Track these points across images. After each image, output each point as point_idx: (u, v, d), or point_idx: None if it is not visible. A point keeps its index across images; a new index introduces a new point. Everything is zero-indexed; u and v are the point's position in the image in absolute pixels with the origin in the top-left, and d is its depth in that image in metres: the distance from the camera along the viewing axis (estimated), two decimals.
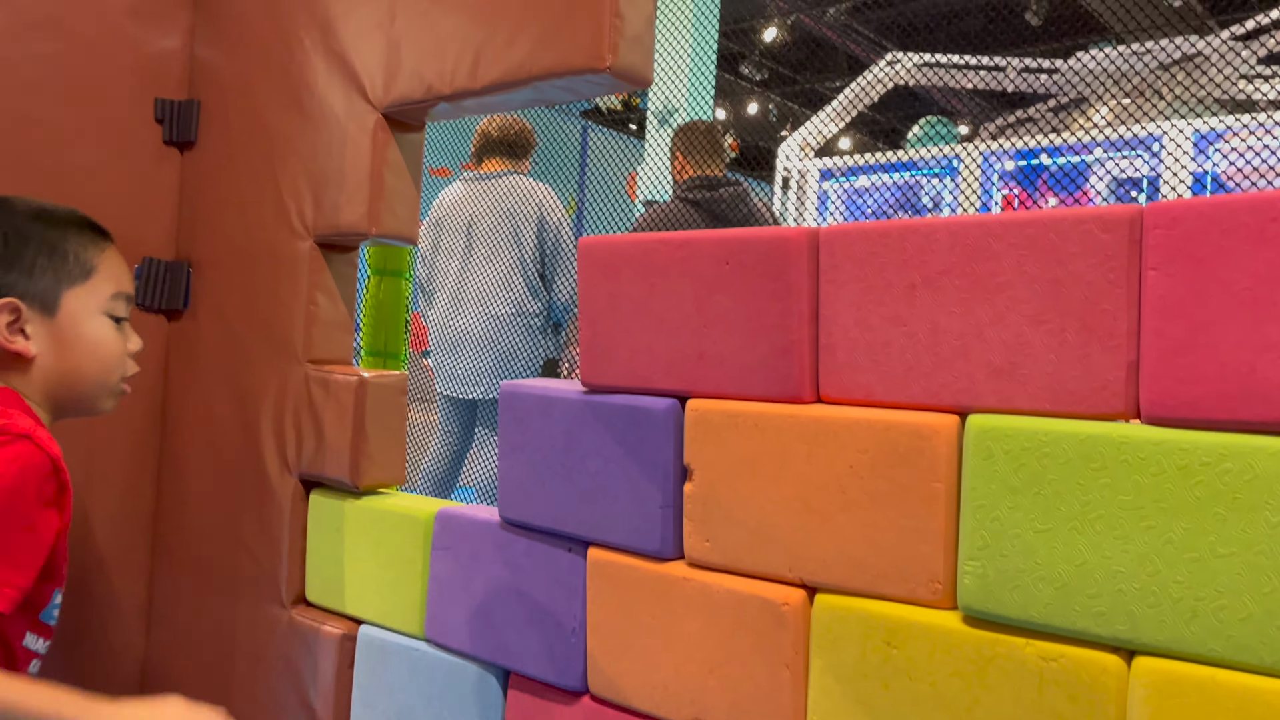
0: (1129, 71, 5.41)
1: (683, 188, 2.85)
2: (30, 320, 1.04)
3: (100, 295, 1.09)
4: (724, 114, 8.07)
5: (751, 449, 0.92)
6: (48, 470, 0.95)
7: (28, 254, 1.05)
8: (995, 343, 0.81)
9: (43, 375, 1.05)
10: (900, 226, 0.86)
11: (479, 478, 2.88)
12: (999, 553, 0.79)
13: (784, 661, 0.91)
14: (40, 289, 1.05)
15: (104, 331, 1.09)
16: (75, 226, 1.10)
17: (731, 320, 0.93)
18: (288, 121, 1.45)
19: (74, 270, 1.07)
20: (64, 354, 1.06)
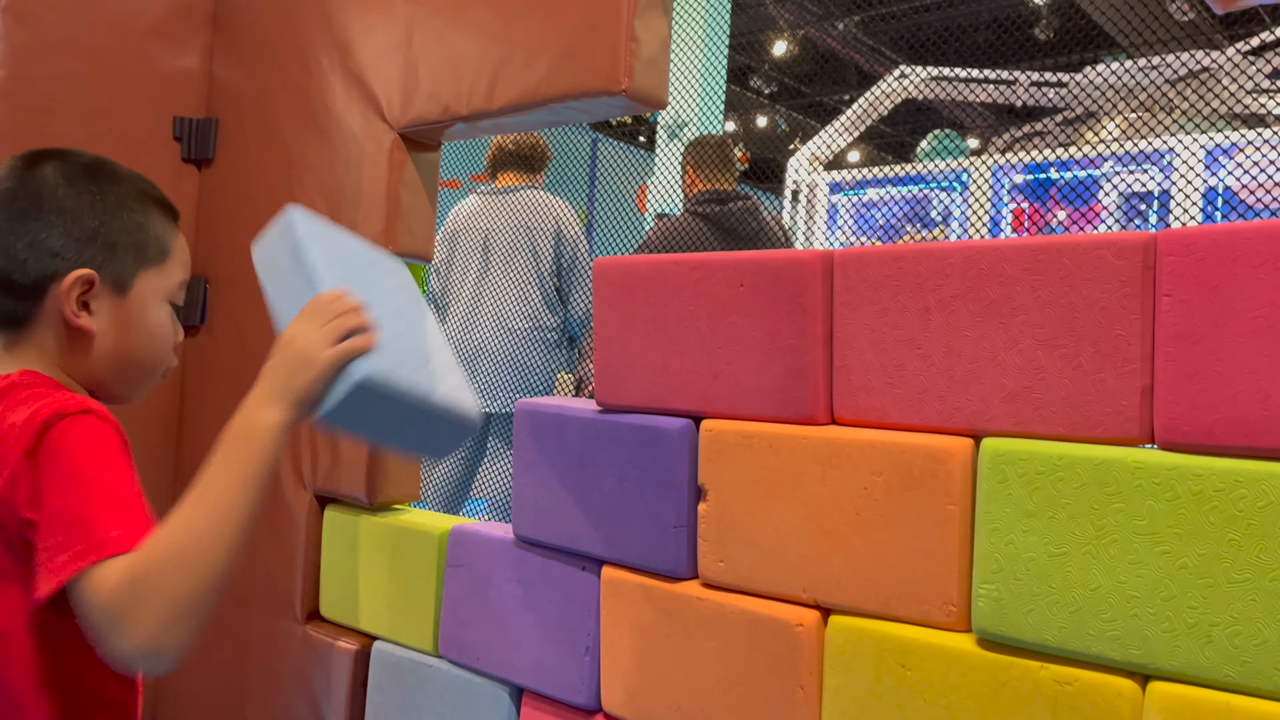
0: (1139, 86, 5.41)
1: (693, 201, 2.86)
2: (99, 296, 0.94)
3: (171, 281, 1.00)
4: (734, 126, 8.10)
5: (766, 470, 0.93)
6: (121, 438, 0.87)
7: (116, 225, 0.95)
8: (1009, 366, 0.82)
9: (99, 357, 0.95)
10: (914, 250, 0.86)
11: (491, 490, 2.88)
12: (1013, 576, 0.80)
13: (798, 682, 0.91)
14: (119, 266, 0.95)
15: (164, 319, 1.00)
16: (155, 203, 1.01)
17: (746, 341, 0.94)
18: (305, 140, 1.47)
19: (152, 251, 0.98)
20: (124, 338, 0.96)
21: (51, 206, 0.93)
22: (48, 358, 0.94)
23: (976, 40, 6.62)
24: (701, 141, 2.97)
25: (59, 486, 0.81)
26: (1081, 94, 5.82)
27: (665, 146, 5.46)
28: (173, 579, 0.76)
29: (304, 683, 1.39)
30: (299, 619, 1.41)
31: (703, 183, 2.91)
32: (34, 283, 0.91)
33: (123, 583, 0.76)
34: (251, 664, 1.48)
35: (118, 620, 0.75)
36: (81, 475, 0.82)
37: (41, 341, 0.94)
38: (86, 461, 0.83)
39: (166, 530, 0.78)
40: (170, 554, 0.77)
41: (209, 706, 1.53)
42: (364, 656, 1.32)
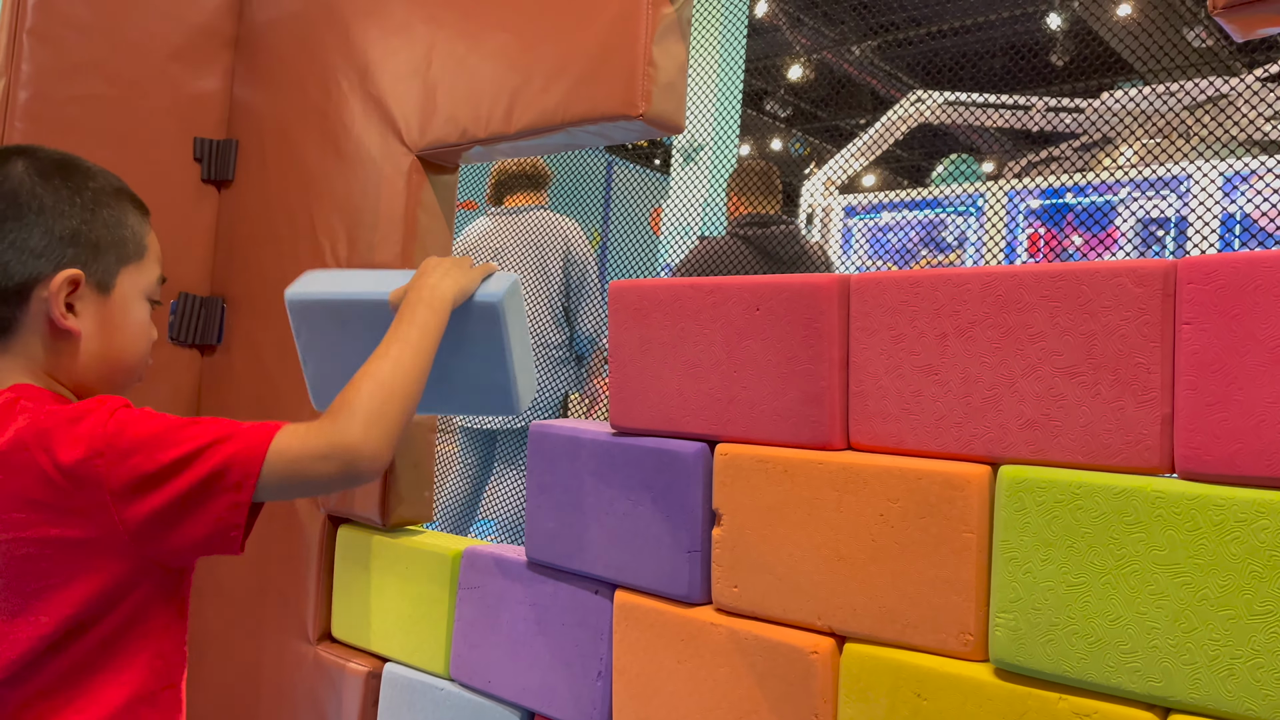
0: (1156, 112, 5.41)
1: (736, 224, 2.94)
2: (84, 297, 0.93)
3: (150, 277, 0.99)
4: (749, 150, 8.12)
5: (781, 495, 0.92)
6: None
7: (96, 223, 0.94)
8: (1028, 394, 0.81)
9: (85, 359, 0.94)
10: (932, 276, 0.86)
11: (499, 510, 2.88)
12: (1031, 605, 0.79)
13: (812, 710, 0.90)
14: (102, 265, 0.94)
15: (144, 316, 0.99)
16: (129, 199, 1.00)
17: (762, 365, 0.94)
18: (324, 162, 1.48)
19: (131, 248, 0.97)
20: (109, 338, 0.95)
21: (30, 206, 0.90)
22: (35, 365, 0.92)
23: (992, 65, 6.63)
24: (746, 167, 3.07)
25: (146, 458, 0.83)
26: (1098, 119, 5.82)
27: (680, 169, 5.48)
28: (377, 390, 0.91)
29: (315, 704, 1.39)
30: (311, 640, 1.41)
31: (746, 206, 3.00)
32: (18, 286, 0.89)
33: (327, 414, 0.89)
34: (263, 684, 1.47)
35: (328, 427, 0.87)
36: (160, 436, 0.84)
37: (28, 349, 0.92)
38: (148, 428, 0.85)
39: (371, 360, 0.94)
40: (372, 375, 0.92)
41: None
42: (375, 678, 1.32)
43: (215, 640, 1.53)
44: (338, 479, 0.88)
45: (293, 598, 1.44)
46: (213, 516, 0.85)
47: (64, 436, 0.84)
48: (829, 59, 7.47)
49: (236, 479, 0.85)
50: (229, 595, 1.54)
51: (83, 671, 0.86)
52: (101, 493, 0.83)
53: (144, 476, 0.84)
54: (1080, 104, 5.92)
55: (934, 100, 5.77)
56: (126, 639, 0.88)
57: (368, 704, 1.31)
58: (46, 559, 0.85)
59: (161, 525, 0.85)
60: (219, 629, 1.54)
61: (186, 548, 0.87)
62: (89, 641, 0.86)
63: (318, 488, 0.89)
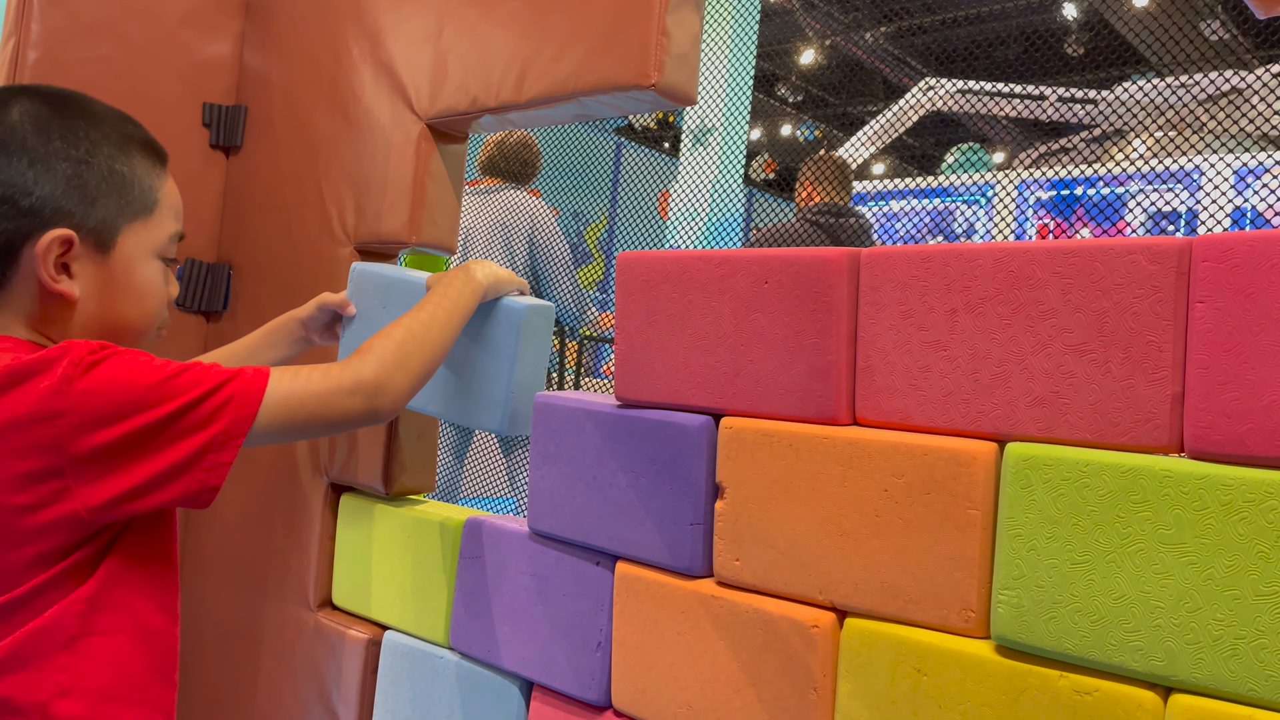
0: (1168, 105, 5.38)
1: (809, 211, 3.06)
2: (79, 257, 0.86)
3: (160, 234, 0.92)
4: (759, 134, 8.09)
5: (785, 469, 0.92)
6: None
7: (90, 176, 0.86)
8: (1037, 371, 0.80)
9: (81, 322, 0.88)
10: (943, 251, 0.85)
11: (481, 488, 2.94)
12: (1035, 583, 0.79)
13: (811, 684, 0.90)
14: (98, 221, 0.87)
15: (155, 277, 0.92)
16: (140, 145, 0.92)
17: (769, 339, 0.93)
18: (333, 129, 1.47)
19: (137, 202, 0.90)
20: (109, 301, 0.89)
21: (22, 158, 0.84)
22: (28, 326, 0.87)
23: (1005, 55, 6.59)
24: (822, 158, 3.24)
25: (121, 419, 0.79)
26: (1110, 111, 5.79)
27: (690, 152, 5.46)
28: (407, 337, 0.95)
29: (315, 670, 1.39)
30: (311, 607, 1.41)
31: (820, 195, 3.12)
32: (5, 244, 0.84)
33: (353, 355, 0.92)
34: (264, 650, 1.48)
35: (356, 364, 0.90)
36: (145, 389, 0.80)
37: (20, 306, 0.86)
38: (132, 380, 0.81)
39: (403, 317, 0.98)
40: (402, 325, 0.96)
41: (221, 691, 1.53)
42: (375, 646, 1.32)
43: (215, 603, 1.54)
44: (358, 415, 0.89)
45: (294, 565, 1.44)
46: (194, 481, 0.82)
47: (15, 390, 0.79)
48: (841, 45, 7.43)
49: (225, 439, 0.82)
50: (230, 561, 1.54)
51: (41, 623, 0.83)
52: (59, 459, 0.79)
53: (112, 446, 0.79)
54: (1094, 95, 5.89)
55: (946, 88, 5.74)
56: (102, 588, 0.85)
57: (368, 671, 1.32)
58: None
59: (128, 500, 0.81)
60: (219, 592, 1.54)
61: (148, 509, 0.83)
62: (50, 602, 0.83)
63: (329, 427, 0.89)
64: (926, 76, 6.19)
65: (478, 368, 1.13)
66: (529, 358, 1.11)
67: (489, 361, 1.12)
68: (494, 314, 1.11)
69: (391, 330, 0.96)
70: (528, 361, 1.11)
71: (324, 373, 0.88)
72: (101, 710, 0.85)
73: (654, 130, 7.80)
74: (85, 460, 0.79)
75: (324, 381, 0.87)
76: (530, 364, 1.11)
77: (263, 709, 1.47)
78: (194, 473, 0.81)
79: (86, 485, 0.79)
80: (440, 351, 0.99)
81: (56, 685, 0.83)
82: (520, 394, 1.11)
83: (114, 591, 0.85)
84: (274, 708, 1.45)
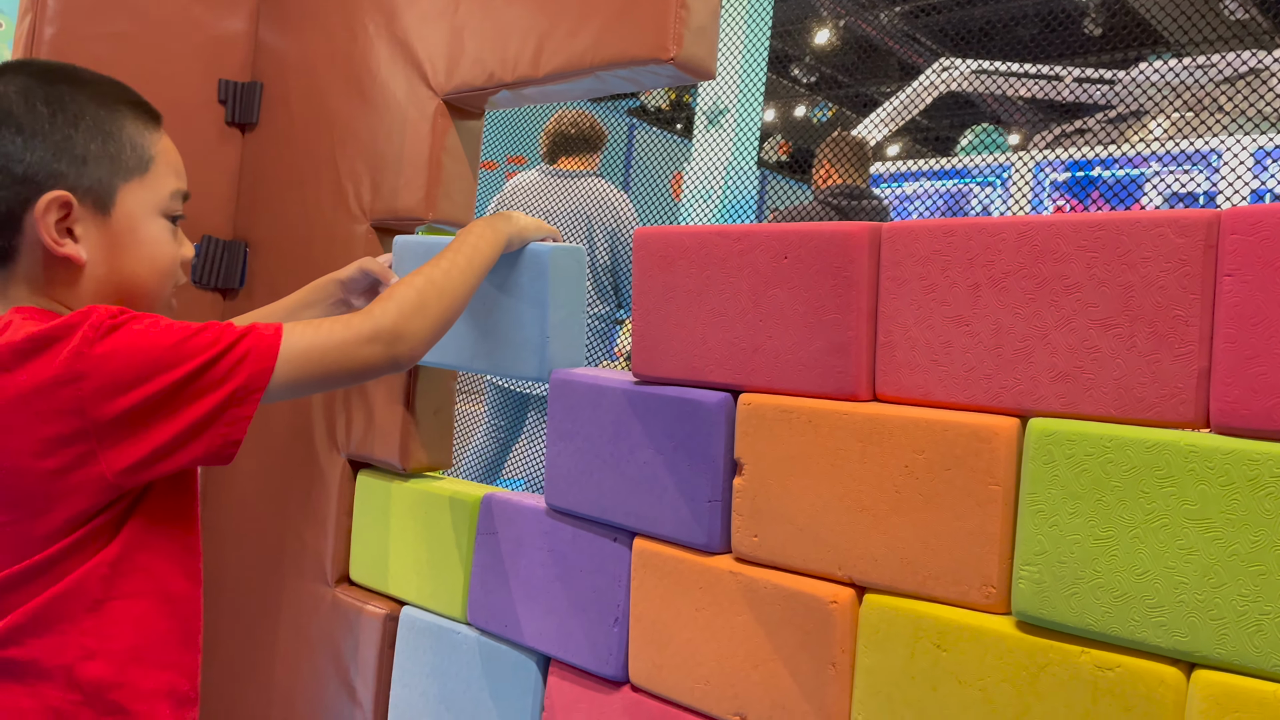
0: (1189, 85, 5.32)
1: (826, 193, 3.01)
2: (81, 219, 0.87)
3: (160, 191, 0.93)
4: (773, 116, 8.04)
5: (804, 445, 0.92)
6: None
7: (79, 137, 0.87)
8: (1060, 346, 0.80)
9: (92, 286, 0.88)
10: (966, 225, 0.85)
11: (527, 469, 2.91)
12: (1057, 559, 0.78)
13: (830, 660, 0.90)
14: (94, 181, 0.87)
15: (162, 235, 0.93)
16: (129, 105, 0.93)
17: (788, 315, 0.93)
18: (348, 105, 1.47)
19: (130, 160, 0.90)
20: (118, 260, 0.90)
21: (9, 127, 0.85)
22: (42, 294, 0.88)
23: (1022, 34, 6.53)
24: (840, 138, 3.18)
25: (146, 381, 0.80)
26: (1128, 92, 5.73)
27: (704, 133, 5.44)
28: (427, 285, 0.95)
29: (332, 645, 1.40)
30: (329, 582, 1.42)
31: (838, 176, 3.07)
32: (6, 213, 0.85)
33: (373, 303, 0.92)
34: (281, 625, 1.49)
35: (375, 312, 0.90)
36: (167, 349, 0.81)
37: (31, 277, 0.87)
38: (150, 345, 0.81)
39: (423, 266, 0.98)
40: (421, 273, 0.96)
41: (239, 666, 1.54)
42: (393, 621, 1.32)
43: (233, 579, 1.55)
44: (378, 363, 0.90)
45: (311, 541, 1.45)
46: (217, 436, 0.83)
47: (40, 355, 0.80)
48: (856, 24, 7.37)
49: (245, 393, 0.83)
50: (248, 538, 1.55)
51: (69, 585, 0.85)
52: (83, 422, 0.80)
53: (135, 409, 0.80)
54: (1112, 76, 5.82)
55: (962, 68, 5.69)
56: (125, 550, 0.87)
57: (385, 645, 1.32)
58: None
59: (154, 461, 0.82)
60: (237, 568, 1.55)
61: (174, 470, 0.84)
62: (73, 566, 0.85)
63: (350, 376, 0.90)
64: (941, 57, 6.14)
65: (511, 317, 1.13)
66: (561, 300, 1.11)
67: (521, 308, 1.12)
68: (521, 260, 1.12)
69: (411, 279, 0.96)
70: (560, 304, 1.11)
71: (345, 323, 0.89)
72: (126, 673, 0.86)
73: (667, 111, 7.76)
74: (109, 424, 0.80)
75: (344, 331, 0.88)
76: (564, 307, 1.11)
77: (281, 683, 1.48)
78: (216, 428, 0.82)
79: (111, 449, 0.80)
80: (461, 299, 0.99)
81: (82, 648, 0.84)
82: (556, 338, 1.10)
83: (137, 555, 0.86)
84: (292, 682, 1.46)
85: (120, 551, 0.86)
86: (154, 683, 0.88)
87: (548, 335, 1.10)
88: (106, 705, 0.85)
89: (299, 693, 1.45)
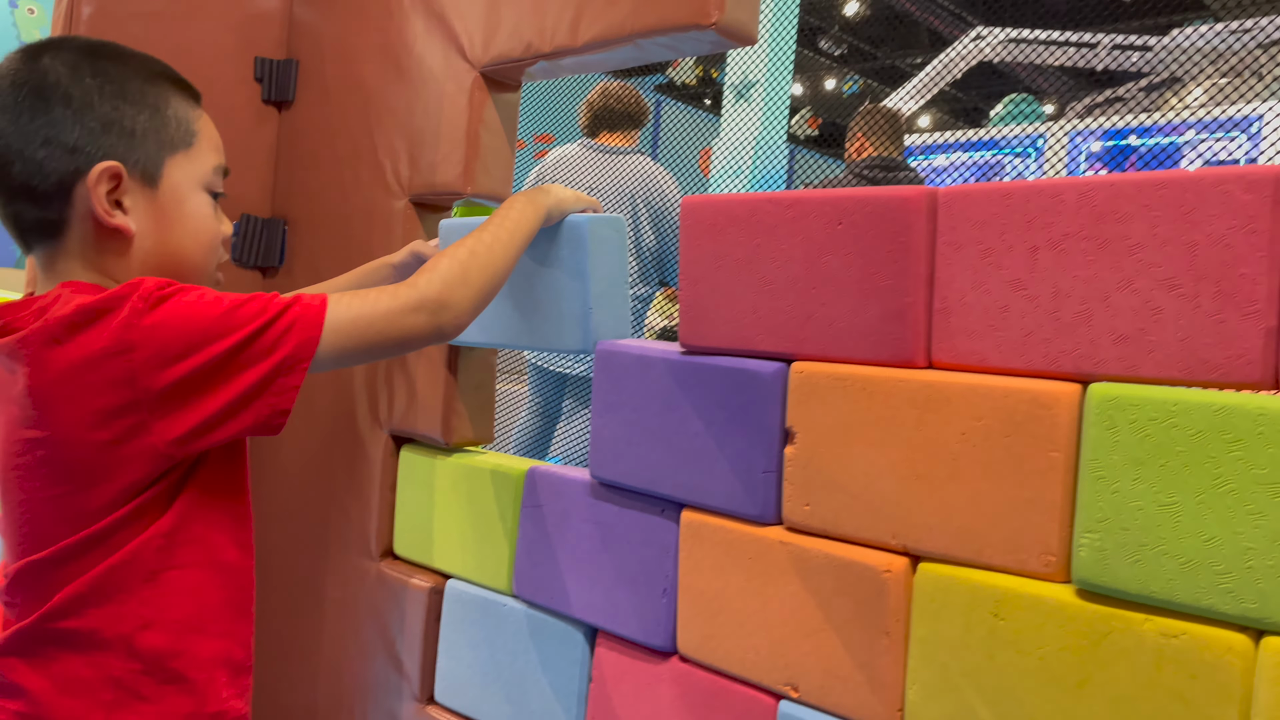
0: (1227, 50, 5.20)
1: (859, 165, 2.96)
2: (130, 191, 0.88)
3: (204, 165, 0.94)
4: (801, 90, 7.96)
5: (858, 413, 0.91)
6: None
7: (127, 110, 0.88)
8: (1122, 308, 0.78)
9: (140, 259, 0.89)
10: (1024, 187, 0.83)
11: (566, 448, 2.92)
12: (1119, 526, 0.77)
13: (884, 629, 0.89)
14: (142, 154, 0.88)
15: (205, 208, 0.94)
16: (171, 82, 0.94)
17: (842, 282, 0.91)
18: (385, 81, 1.46)
19: (176, 134, 0.91)
20: (165, 233, 0.90)
21: (57, 99, 0.86)
22: (91, 268, 0.89)
23: (1055, 2, 6.41)
24: (874, 110, 3.12)
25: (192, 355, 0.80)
26: (1166, 58, 5.61)
27: (733, 108, 5.39)
28: (469, 256, 0.95)
29: (378, 618, 1.41)
30: (374, 556, 1.43)
31: (872, 149, 3.03)
32: (57, 185, 0.86)
33: (416, 274, 0.92)
34: (326, 600, 1.50)
35: (419, 283, 0.90)
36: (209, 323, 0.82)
37: (81, 251, 0.88)
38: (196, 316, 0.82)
39: (464, 238, 0.98)
40: (463, 244, 0.96)
41: (286, 641, 1.56)
42: (438, 594, 1.33)
43: (278, 554, 1.56)
44: (423, 332, 0.90)
45: (355, 516, 1.46)
46: (266, 406, 0.84)
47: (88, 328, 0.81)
48: None
49: (292, 362, 0.84)
50: (292, 513, 1.56)
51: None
52: (134, 393, 0.81)
53: (185, 380, 0.81)
54: (1148, 42, 5.71)
55: (995, 37, 5.60)
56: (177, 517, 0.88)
57: (430, 619, 1.33)
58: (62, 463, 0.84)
59: (205, 431, 0.83)
60: (282, 544, 1.56)
61: (224, 440, 0.85)
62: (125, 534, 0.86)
63: (396, 345, 0.90)
64: (974, 25, 6.04)
65: (552, 290, 1.13)
66: (602, 271, 1.10)
67: (562, 281, 1.12)
68: (560, 233, 1.12)
69: (454, 250, 0.96)
70: (602, 275, 1.10)
71: (390, 293, 0.89)
72: (183, 642, 0.87)
73: (694, 87, 7.69)
74: (160, 395, 0.81)
75: (389, 301, 0.89)
76: (605, 278, 1.11)
77: (328, 655, 1.50)
78: (265, 398, 0.83)
79: (163, 419, 0.81)
80: (503, 270, 0.99)
81: (139, 618, 0.85)
82: (599, 309, 1.10)
83: (191, 526, 0.87)
84: (339, 654, 1.48)
85: (175, 522, 0.87)
86: (211, 651, 0.90)
87: (590, 307, 1.10)
88: (167, 674, 0.86)
89: (345, 665, 1.47)
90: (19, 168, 0.85)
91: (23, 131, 0.85)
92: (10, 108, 0.86)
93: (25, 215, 0.88)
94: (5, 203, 0.88)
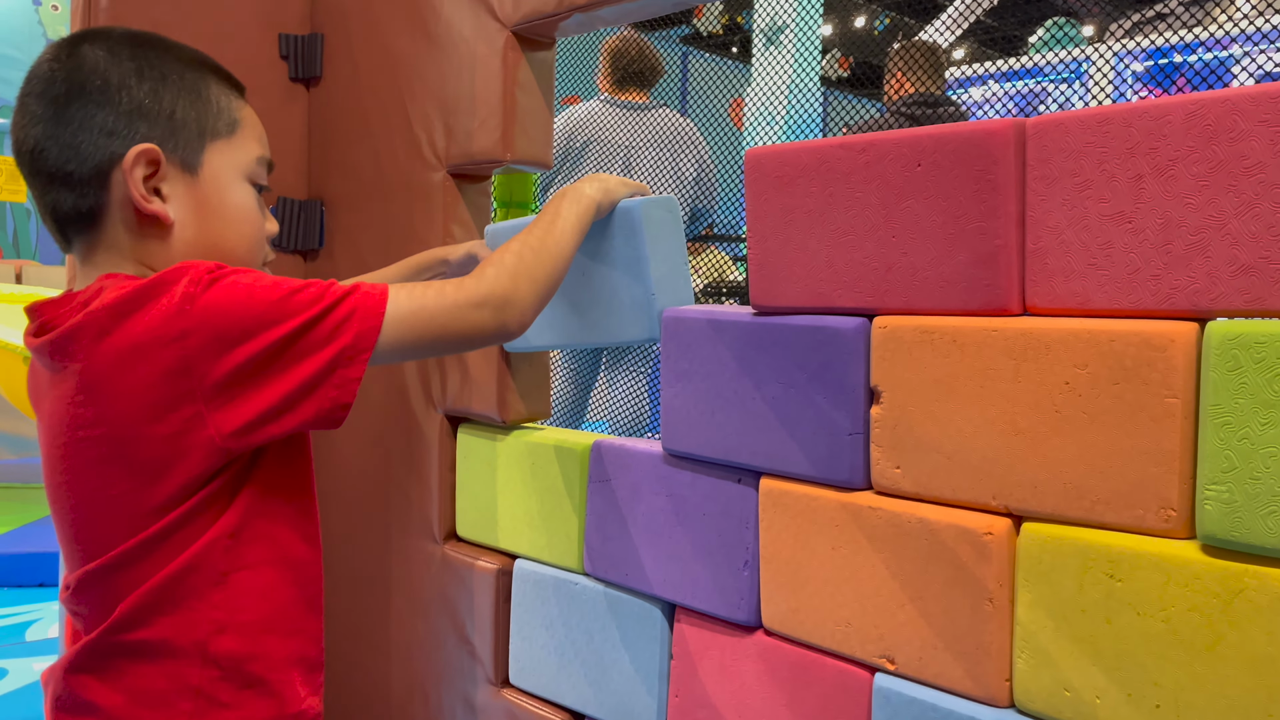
0: None
1: (901, 103, 2.86)
2: (168, 178, 0.85)
3: (247, 155, 0.91)
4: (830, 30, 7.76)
5: (948, 368, 0.85)
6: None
7: (166, 95, 0.86)
8: (1242, 235, 0.71)
9: (182, 251, 0.86)
10: (1124, 110, 0.76)
11: (606, 412, 2.89)
12: (1249, 475, 0.70)
13: (986, 595, 0.84)
14: (181, 139, 0.86)
15: (248, 200, 0.91)
16: (212, 70, 0.92)
17: (924, 228, 0.85)
18: (414, 48, 1.40)
19: (218, 121, 0.89)
20: (206, 224, 0.87)
21: (96, 84, 0.83)
22: (131, 260, 0.85)
23: None
24: (912, 45, 3.01)
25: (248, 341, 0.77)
26: None
27: (763, 53, 5.25)
28: (527, 252, 0.91)
29: (446, 602, 1.38)
30: (438, 540, 1.40)
31: (911, 85, 2.92)
32: (94, 170, 0.83)
33: (476, 270, 0.89)
34: (393, 586, 1.48)
35: (483, 277, 0.87)
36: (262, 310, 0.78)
37: (118, 240, 0.85)
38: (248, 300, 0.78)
39: (519, 234, 0.94)
40: (521, 240, 0.92)
41: (355, 629, 1.54)
42: (506, 575, 1.30)
43: (342, 542, 1.54)
44: (487, 328, 0.86)
45: (416, 500, 1.43)
46: (325, 399, 0.80)
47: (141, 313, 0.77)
48: None
49: (353, 353, 0.80)
50: (352, 501, 1.54)
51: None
52: (190, 383, 0.77)
53: (241, 368, 0.77)
54: None
55: None
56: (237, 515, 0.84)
57: (500, 600, 1.30)
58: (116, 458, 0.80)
59: (263, 423, 0.80)
60: (345, 531, 1.54)
61: (283, 433, 0.82)
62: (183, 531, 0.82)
63: (458, 342, 0.86)
64: None
65: (610, 281, 1.09)
66: (661, 254, 1.06)
67: (620, 270, 1.07)
68: (612, 221, 1.07)
69: (508, 247, 0.92)
70: (661, 259, 1.06)
71: (456, 285, 0.85)
72: (258, 644, 0.84)
73: (720, 36, 7.52)
74: (215, 386, 0.77)
75: (455, 293, 0.85)
76: (665, 260, 1.06)
77: (398, 642, 1.48)
78: (324, 389, 0.79)
79: (219, 410, 0.78)
80: (560, 265, 0.95)
81: (213, 623, 0.82)
82: (662, 293, 1.06)
83: (256, 524, 0.84)
84: (409, 640, 1.45)
85: (240, 521, 0.84)
86: (286, 650, 0.87)
87: (653, 293, 1.05)
88: (245, 678, 0.84)
89: (416, 651, 1.45)
90: (55, 153, 0.83)
91: (60, 117, 0.83)
92: (48, 93, 0.84)
93: (63, 203, 0.85)
94: (42, 191, 0.86)
